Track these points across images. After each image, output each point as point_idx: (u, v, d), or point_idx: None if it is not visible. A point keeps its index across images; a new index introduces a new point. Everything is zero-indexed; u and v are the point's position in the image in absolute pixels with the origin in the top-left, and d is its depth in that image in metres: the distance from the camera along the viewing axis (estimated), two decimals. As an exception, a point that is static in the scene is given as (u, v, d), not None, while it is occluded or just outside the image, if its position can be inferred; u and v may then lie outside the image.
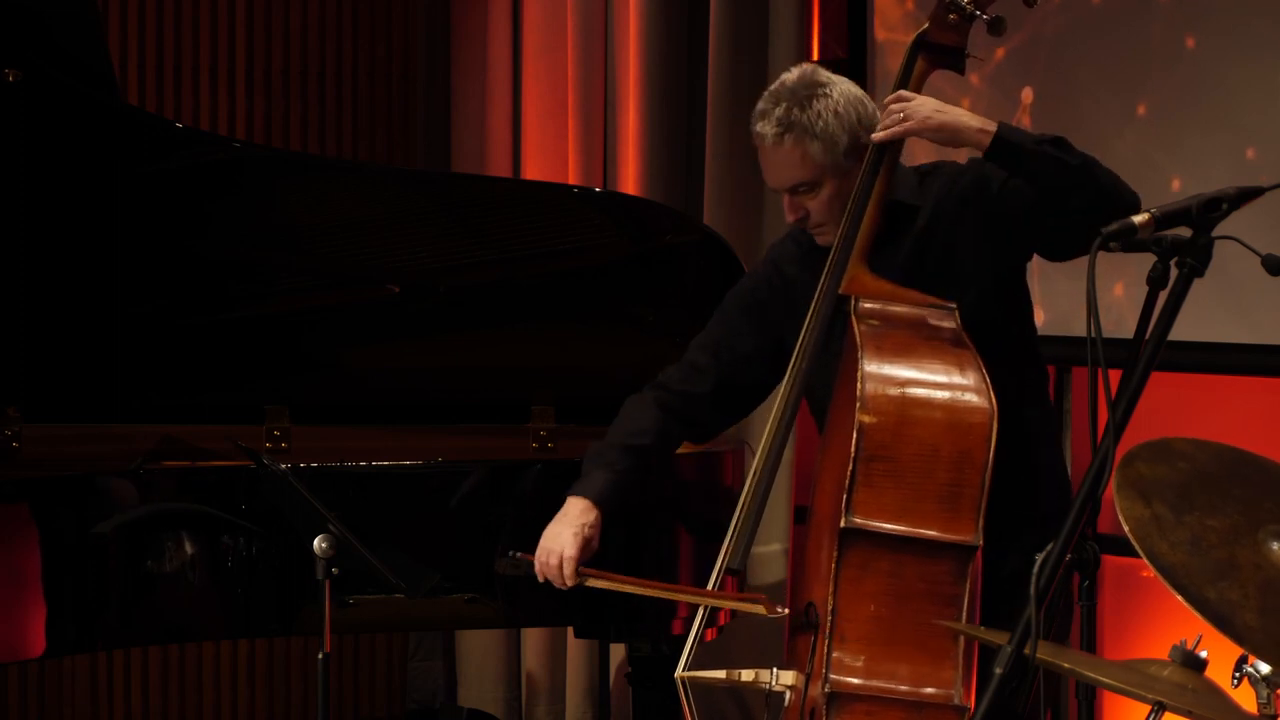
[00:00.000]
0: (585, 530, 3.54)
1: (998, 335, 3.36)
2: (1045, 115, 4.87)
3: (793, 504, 5.25)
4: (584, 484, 3.59)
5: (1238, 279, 3.27)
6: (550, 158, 5.84)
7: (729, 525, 3.45)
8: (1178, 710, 2.48)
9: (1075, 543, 2.49)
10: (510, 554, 3.58)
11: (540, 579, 3.55)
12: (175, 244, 4.39)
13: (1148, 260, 2.50)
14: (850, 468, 3.18)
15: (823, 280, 3.42)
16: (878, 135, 3.40)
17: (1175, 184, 4.63)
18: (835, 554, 3.18)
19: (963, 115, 3.36)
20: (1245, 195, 2.51)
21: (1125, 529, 2.44)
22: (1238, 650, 2.59)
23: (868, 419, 3.20)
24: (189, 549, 4.12)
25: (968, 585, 3.17)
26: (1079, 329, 4.67)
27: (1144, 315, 2.51)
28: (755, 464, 3.44)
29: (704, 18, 5.48)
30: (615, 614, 4.26)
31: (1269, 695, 3.04)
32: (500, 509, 4.26)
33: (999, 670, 2.44)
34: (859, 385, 3.22)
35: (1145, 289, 2.50)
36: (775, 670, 3.29)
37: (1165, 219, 2.49)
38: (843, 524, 3.17)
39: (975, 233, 3.44)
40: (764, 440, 3.44)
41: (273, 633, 4.80)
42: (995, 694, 2.44)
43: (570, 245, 4.67)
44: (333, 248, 4.59)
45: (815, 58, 5.42)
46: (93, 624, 4.06)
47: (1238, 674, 3.03)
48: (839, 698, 3.17)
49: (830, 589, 3.19)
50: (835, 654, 3.18)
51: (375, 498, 4.25)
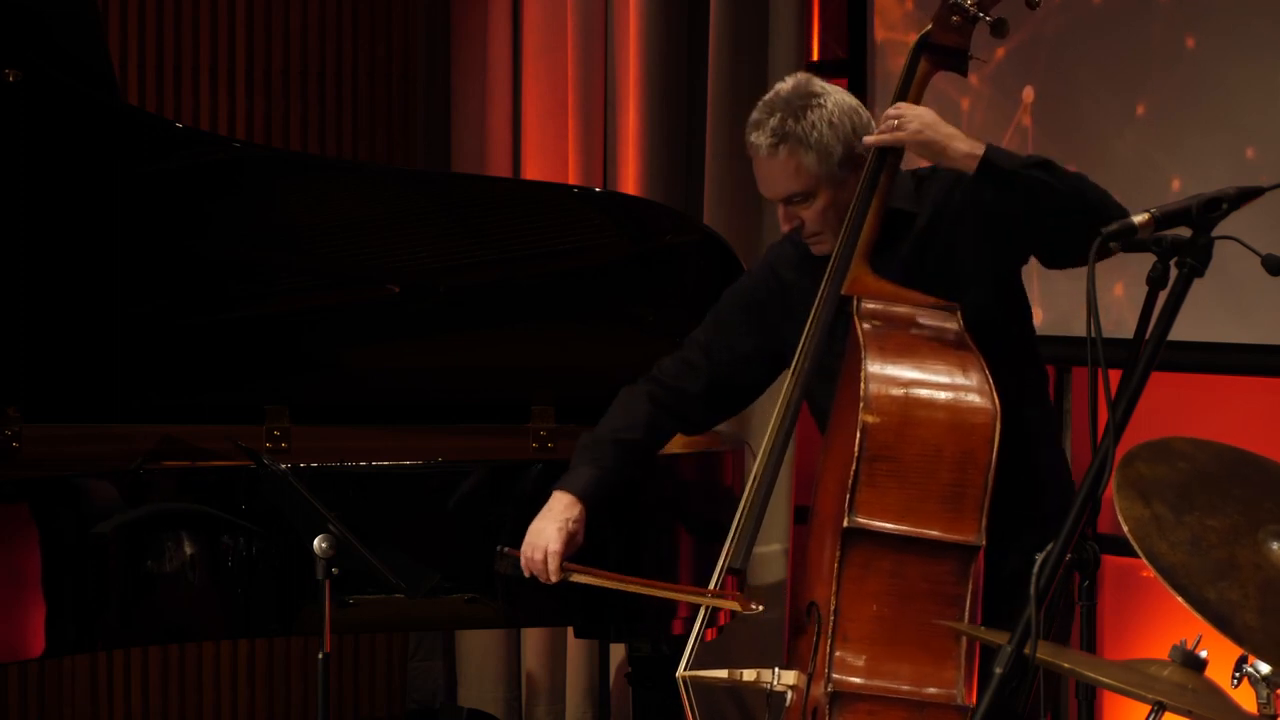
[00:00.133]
0: (569, 525, 3.55)
1: (997, 336, 3.36)
2: (1045, 115, 4.87)
3: (793, 504, 5.24)
4: (570, 479, 3.61)
5: (1238, 279, 3.27)
6: (550, 158, 5.84)
7: (729, 525, 3.45)
8: (1178, 710, 2.48)
9: (1075, 543, 2.49)
10: (499, 549, 3.60)
11: (526, 574, 3.57)
12: (175, 244, 4.39)
13: (1148, 260, 2.50)
14: (853, 468, 3.18)
15: (825, 281, 3.42)
16: (868, 140, 3.41)
17: (1175, 184, 4.63)
18: (838, 554, 3.18)
19: (954, 137, 3.33)
20: (1245, 195, 2.51)
21: (1125, 529, 2.44)
22: (1238, 650, 2.59)
23: (871, 419, 3.20)
24: (189, 549, 4.11)
25: (970, 585, 3.17)
26: (1079, 329, 4.67)
27: (1144, 315, 2.51)
28: (757, 464, 3.44)
29: (704, 18, 5.47)
30: (615, 614, 4.26)
31: (1269, 695, 3.04)
32: (500, 509, 4.26)
33: (999, 670, 2.44)
34: (862, 385, 3.21)
35: (1145, 289, 2.50)
36: (777, 670, 3.29)
37: (1165, 219, 2.49)
38: (846, 524, 3.17)
39: (975, 234, 3.44)
40: (766, 441, 3.44)
41: (273, 633, 4.80)
42: (995, 694, 2.44)
43: (570, 245, 4.67)
44: (333, 248, 4.59)
45: (815, 58, 5.42)
46: (93, 624, 4.06)
47: (1238, 674, 3.03)
48: (841, 697, 3.17)
49: (833, 589, 3.19)
50: (838, 654, 3.18)
51: (375, 498, 4.25)
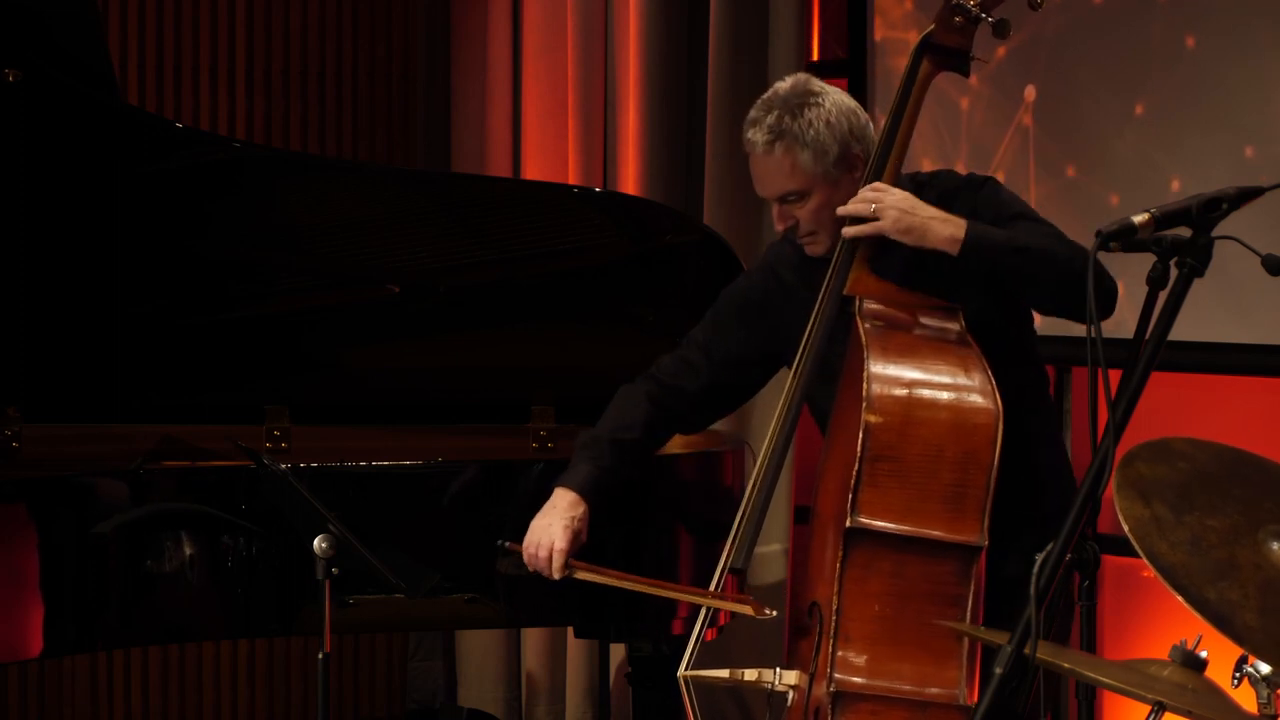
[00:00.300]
0: (574, 523, 3.55)
1: (997, 336, 3.36)
2: (1045, 115, 4.87)
3: (793, 504, 5.24)
4: (572, 476, 3.61)
5: (1238, 279, 3.27)
6: (550, 158, 5.84)
7: (729, 525, 3.45)
8: (1178, 710, 2.48)
9: (1075, 543, 2.49)
10: (501, 544, 3.60)
11: (530, 569, 3.57)
12: (175, 244, 4.39)
13: (1148, 260, 2.50)
14: (856, 468, 3.18)
15: (827, 281, 3.42)
16: (848, 231, 3.38)
17: (1175, 184, 4.63)
18: (840, 554, 3.18)
19: (933, 220, 3.32)
20: (1245, 195, 2.50)
21: (1125, 529, 2.44)
22: (1238, 650, 2.59)
23: (874, 419, 3.20)
24: (189, 549, 4.11)
25: (972, 586, 3.17)
26: (1079, 329, 4.63)
27: (1144, 315, 2.51)
28: (758, 464, 3.44)
29: (704, 18, 5.47)
30: (615, 614, 4.26)
31: (1269, 695, 3.04)
32: (500, 509, 4.25)
33: (999, 670, 2.44)
34: (865, 385, 3.21)
35: (1145, 289, 2.50)
36: (778, 670, 3.29)
37: (1165, 219, 2.49)
38: (848, 524, 3.17)
39: None
40: (767, 440, 3.44)
41: (273, 633, 4.80)
42: (995, 694, 2.44)
43: (570, 245, 4.66)
44: (333, 248, 4.58)
45: (815, 58, 5.42)
46: (93, 624, 4.06)
47: (1238, 674, 3.03)
48: (844, 697, 3.17)
49: (835, 589, 3.19)
50: (840, 653, 3.18)
51: (375, 498, 4.25)
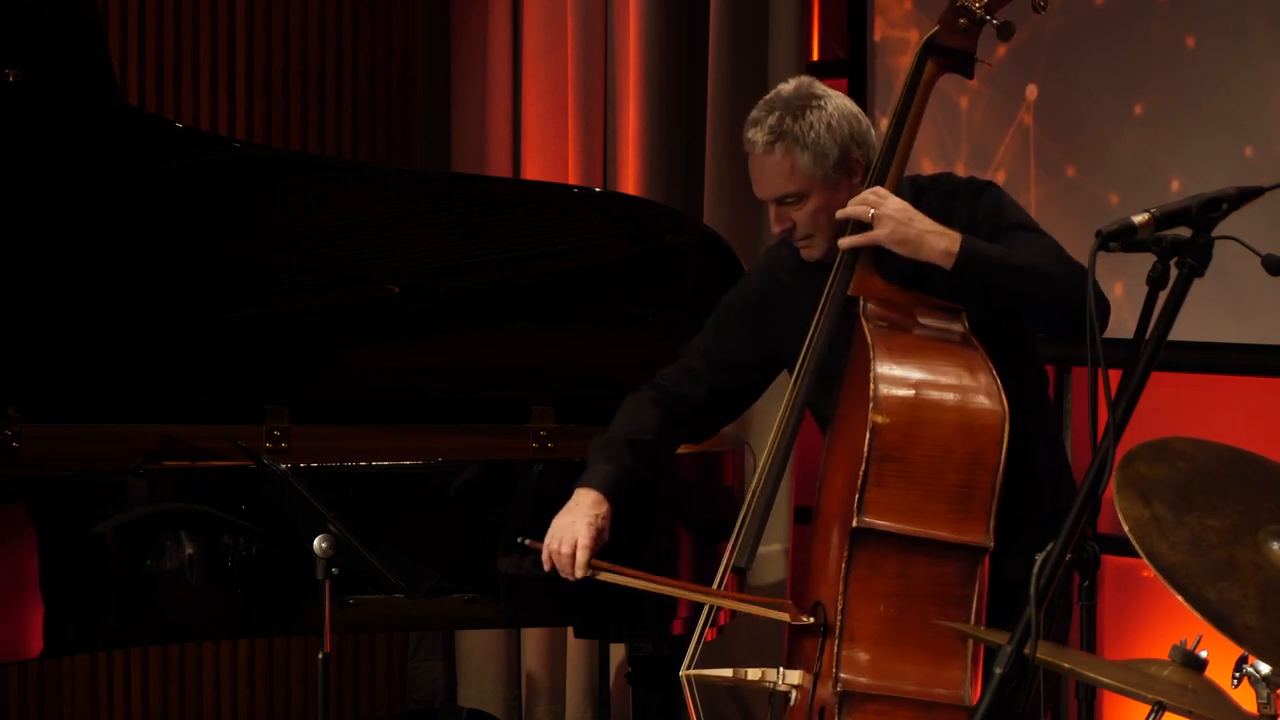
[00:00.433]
0: (598, 521, 3.51)
1: (997, 337, 3.36)
2: (1045, 115, 4.87)
3: (793, 504, 5.24)
4: (593, 476, 3.58)
5: (1238, 279, 3.27)
6: (550, 158, 5.84)
7: (730, 525, 3.45)
8: (1178, 710, 2.48)
9: (1075, 543, 2.49)
10: (519, 540, 3.56)
11: (547, 567, 3.52)
12: (175, 244, 4.39)
13: (1148, 260, 2.50)
14: (863, 468, 3.17)
15: (830, 282, 3.41)
16: (845, 241, 3.38)
17: (1175, 184, 4.63)
18: (846, 554, 3.18)
19: (928, 234, 3.31)
20: (1245, 195, 2.50)
21: (1125, 529, 2.44)
22: (1238, 650, 2.59)
23: (881, 419, 3.20)
24: (189, 549, 4.11)
25: (976, 587, 3.17)
26: (1079, 329, 4.66)
27: (1144, 315, 2.51)
28: (761, 463, 3.43)
29: (704, 18, 5.47)
30: (615, 614, 4.26)
31: (1269, 695, 3.03)
32: (500, 509, 4.26)
33: (999, 670, 2.44)
34: (871, 386, 3.21)
35: (1145, 289, 2.50)
36: (781, 669, 3.28)
37: (1165, 219, 2.49)
38: (855, 524, 3.17)
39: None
40: (770, 440, 3.43)
41: (273, 633, 4.80)
42: (995, 694, 2.44)
43: (570, 245, 4.66)
44: (333, 248, 4.58)
45: (815, 58, 5.42)
46: (93, 624, 4.06)
47: (1238, 674, 3.03)
48: (851, 697, 3.16)
49: (840, 589, 3.18)
50: (845, 653, 3.18)
51: (375, 498, 4.25)
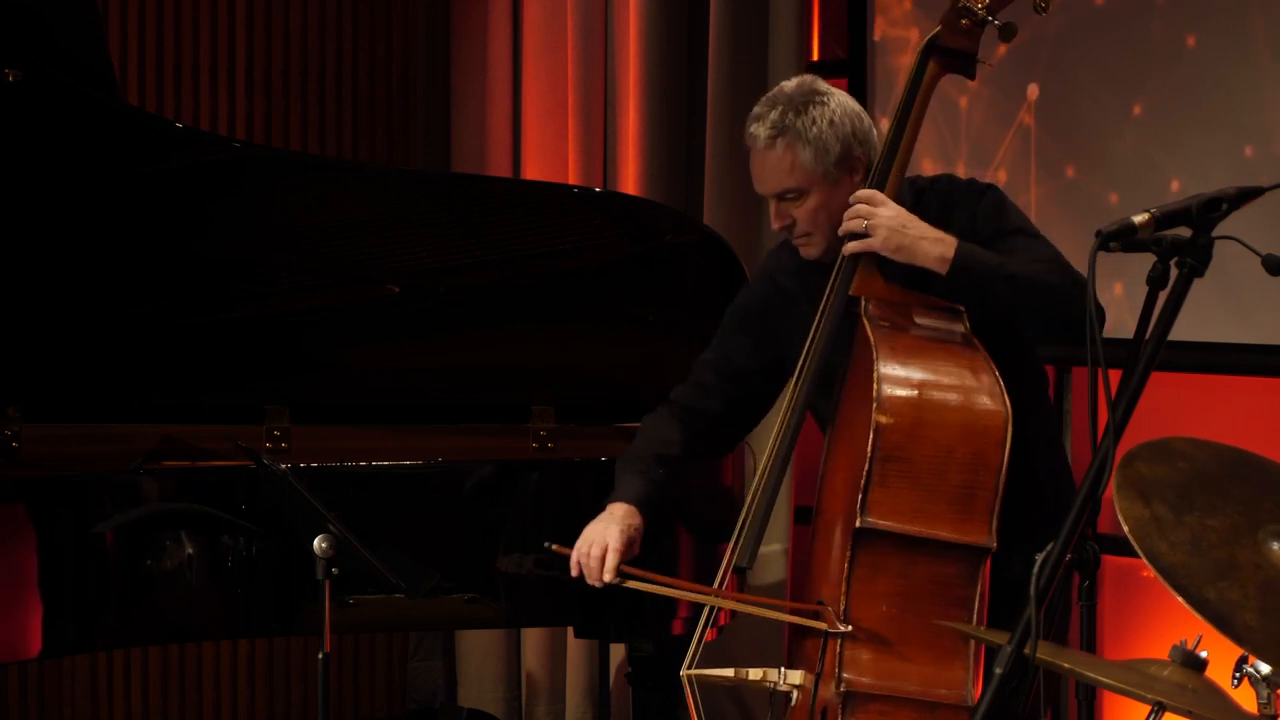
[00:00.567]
0: (630, 530, 3.51)
1: (997, 339, 3.35)
2: (1045, 115, 4.87)
3: (793, 504, 5.24)
4: (624, 490, 3.58)
5: (1238, 279, 3.27)
6: (550, 158, 5.84)
7: (729, 525, 3.45)
8: (1178, 710, 2.48)
9: (1075, 543, 2.49)
10: (547, 545, 3.54)
11: (574, 573, 3.50)
12: (175, 244, 4.39)
13: (1148, 260, 2.50)
14: (866, 468, 3.17)
15: (832, 283, 3.41)
16: (845, 249, 3.38)
17: (1175, 184, 4.62)
18: (848, 554, 3.18)
19: (922, 241, 3.32)
20: (1245, 195, 2.50)
21: (1125, 529, 2.44)
22: (1238, 650, 2.59)
23: (884, 419, 3.19)
24: (189, 549, 4.11)
25: (978, 587, 3.17)
26: (1079, 329, 4.65)
27: (1144, 315, 2.51)
28: (762, 464, 3.43)
29: (704, 18, 5.47)
30: (615, 614, 4.26)
31: (1269, 695, 3.03)
32: (500, 509, 4.26)
33: (999, 670, 2.44)
34: (875, 386, 3.20)
35: (1145, 289, 2.50)
36: (782, 670, 3.28)
37: (1165, 219, 2.49)
38: (858, 524, 3.17)
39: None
40: (771, 440, 3.43)
41: (273, 633, 4.80)
42: (995, 694, 2.44)
43: (570, 245, 4.66)
44: (333, 248, 4.58)
45: (815, 58, 5.42)
46: (93, 624, 4.06)
47: (1238, 674, 3.02)
48: (854, 697, 3.16)
49: (842, 589, 3.18)
50: (848, 653, 3.18)
51: (375, 498, 4.25)
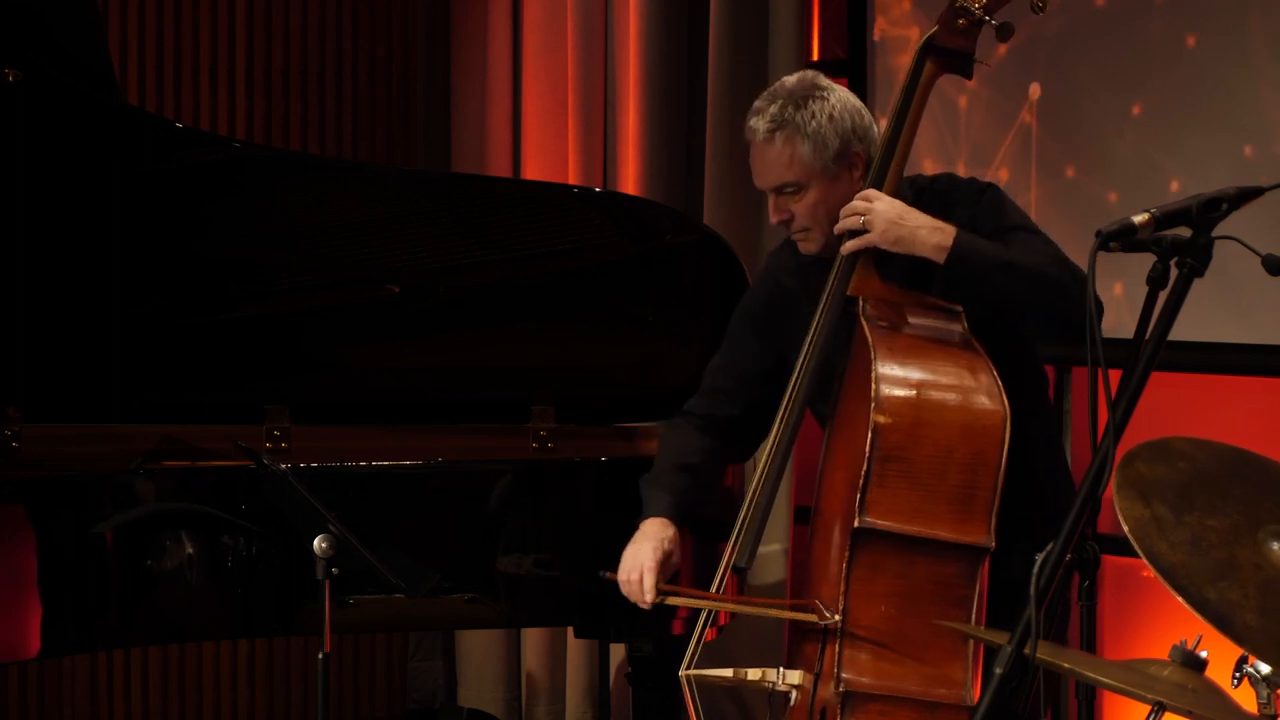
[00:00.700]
0: (665, 545, 3.53)
1: (996, 339, 3.36)
2: (1045, 115, 4.87)
3: (793, 504, 5.24)
4: (653, 505, 3.60)
5: (1238, 279, 3.27)
6: (550, 158, 5.83)
7: (728, 524, 3.45)
8: (1178, 710, 2.48)
9: (1075, 543, 2.49)
10: (600, 574, 3.58)
11: (627, 596, 3.54)
12: (175, 244, 4.39)
13: (1148, 260, 2.50)
14: (865, 468, 3.17)
15: (830, 283, 3.42)
16: (844, 247, 3.38)
17: (1174, 184, 4.62)
18: (847, 554, 3.18)
19: (920, 230, 3.32)
20: (1245, 195, 2.50)
21: (1125, 529, 2.44)
22: (1238, 650, 2.59)
23: (883, 419, 3.19)
24: (189, 549, 4.11)
25: (977, 587, 3.17)
26: (1079, 329, 4.65)
27: (1144, 315, 2.51)
28: (761, 463, 3.43)
29: (704, 18, 5.47)
30: (615, 614, 4.24)
31: (1269, 695, 3.03)
32: (500, 509, 4.26)
33: (999, 670, 2.44)
34: (873, 386, 3.21)
35: (1145, 289, 2.50)
36: (781, 670, 3.28)
37: (1165, 219, 2.49)
38: (856, 524, 3.17)
39: None
40: (770, 439, 3.43)
41: (273, 633, 4.80)
42: (995, 694, 2.44)
43: (570, 245, 4.66)
44: (333, 248, 4.58)
45: (815, 58, 5.42)
46: (93, 624, 4.06)
47: (1238, 674, 3.02)
48: (854, 697, 3.16)
49: (841, 589, 3.18)
50: (847, 654, 3.18)
51: (375, 498, 4.25)
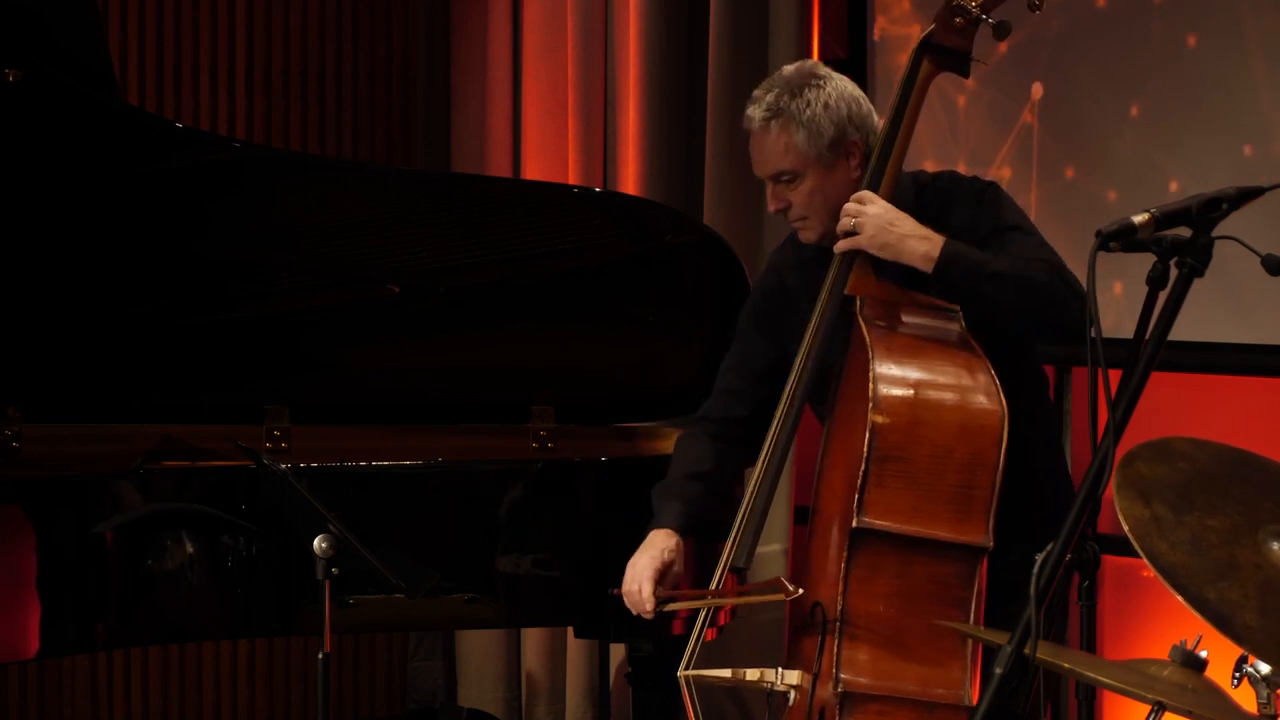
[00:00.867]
0: (664, 555, 3.54)
1: (994, 339, 3.35)
2: (1045, 115, 4.87)
3: (793, 504, 5.24)
4: (661, 517, 3.62)
5: (1238, 279, 3.27)
6: (550, 158, 5.83)
7: (727, 524, 3.45)
8: (1178, 710, 2.48)
9: (1075, 543, 2.48)
10: (609, 591, 3.60)
11: (632, 610, 3.57)
12: (175, 244, 4.39)
13: (1148, 260, 2.50)
14: (863, 468, 3.17)
15: (828, 281, 3.42)
16: (837, 247, 3.39)
17: (1174, 184, 4.63)
18: (845, 554, 3.18)
19: (909, 239, 3.33)
20: (1245, 195, 2.50)
21: (1125, 529, 2.44)
22: (1238, 650, 2.59)
23: (881, 419, 3.19)
24: (189, 549, 4.11)
25: (975, 587, 3.17)
26: (1079, 329, 4.65)
27: (1144, 315, 2.51)
28: (759, 462, 3.43)
29: (704, 18, 5.47)
30: (615, 614, 4.25)
31: (1269, 695, 3.03)
32: (500, 509, 4.26)
33: (999, 670, 2.44)
34: (871, 386, 3.21)
35: (1145, 289, 2.50)
36: (780, 670, 3.28)
37: (1165, 219, 2.49)
38: (854, 524, 3.17)
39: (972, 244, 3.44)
40: (768, 439, 3.43)
41: (273, 633, 4.80)
42: (995, 694, 2.44)
43: (570, 245, 4.66)
44: (333, 248, 4.58)
45: (815, 58, 5.42)
46: (93, 624, 4.06)
47: (1238, 674, 3.02)
48: (852, 698, 3.16)
49: (840, 589, 3.18)
50: (845, 654, 3.18)
51: (375, 498, 4.25)
